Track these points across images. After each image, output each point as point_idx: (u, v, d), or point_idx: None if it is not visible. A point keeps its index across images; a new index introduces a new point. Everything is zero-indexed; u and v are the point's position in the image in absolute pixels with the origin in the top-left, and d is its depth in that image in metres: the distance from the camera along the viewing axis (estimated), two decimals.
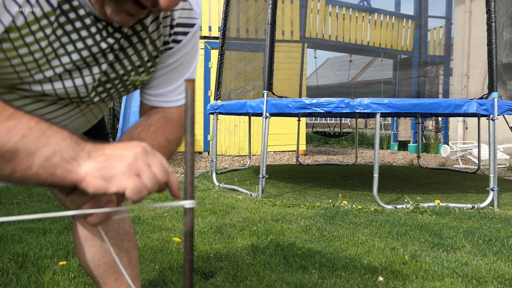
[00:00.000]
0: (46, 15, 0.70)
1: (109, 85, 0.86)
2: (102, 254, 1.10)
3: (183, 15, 0.86)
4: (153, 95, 0.91)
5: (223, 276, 1.94)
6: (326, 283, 1.88)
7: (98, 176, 0.58)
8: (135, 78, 0.87)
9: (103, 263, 1.11)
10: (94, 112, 0.97)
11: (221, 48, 5.40)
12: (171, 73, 0.90)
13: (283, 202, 3.69)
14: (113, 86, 0.86)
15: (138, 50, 0.83)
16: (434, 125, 11.48)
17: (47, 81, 0.77)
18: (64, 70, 0.77)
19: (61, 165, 0.58)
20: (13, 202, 3.43)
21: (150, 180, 0.60)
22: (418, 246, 2.48)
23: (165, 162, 0.65)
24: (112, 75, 0.84)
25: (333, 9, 8.54)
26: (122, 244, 1.14)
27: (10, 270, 1.97)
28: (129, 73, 0.85)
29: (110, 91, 0.87)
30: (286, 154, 8.12)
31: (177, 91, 0.91)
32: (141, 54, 0.84)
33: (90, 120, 0.98)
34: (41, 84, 0.77)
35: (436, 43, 9.26)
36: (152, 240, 2.49)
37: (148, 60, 0.86)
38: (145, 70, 0.87)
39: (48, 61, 0.75)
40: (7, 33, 0.68)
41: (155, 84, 0.91)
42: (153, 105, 0.92)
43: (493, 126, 3.65)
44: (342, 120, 14.15)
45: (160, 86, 0.90)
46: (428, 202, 3.68)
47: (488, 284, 1.92)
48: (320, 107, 3.79)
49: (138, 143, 0.64)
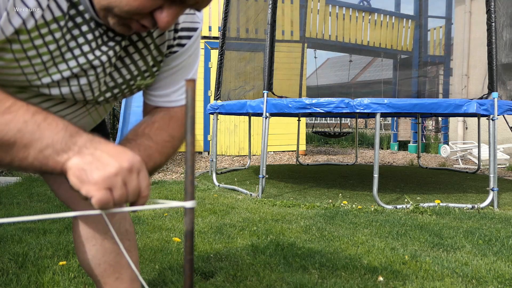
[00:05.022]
0: (56, 20, 0.72)
1: (117, 90, 0.88)
2: (102, 253, 1.11)
3: (187, 19, 0.89)
4: (157, 96, 0.94)
5: (223, 276, 1.94)
6: (326, 283, 1.88)
7: (76, 175, 0.63)
8: (140, 82, 0.89)
9: (103, 262, 1.11)
10: (99, 111, 0.99)
11: (221, 48, 5.40)
12: (175, 75, 0.93)
13: (283, 202, 3.69)
14: (120, 91, 0.89)
15: (143, 55, 0.86)
16: (434, 125, 11.49)
17: (55, 85, 0.79)
18: (71, 74, 0.79)
19: (53, 157, 0.64)
20: (13, 202, 3.43)
21: (119, 198, 0.64)
22: (418, 246, 2.48)
23: (145, 184, 0.68)
24: (120, 80, 0.87)
25: (333, 9, 8.54)
26: (122, 243, 1.14)
27: (10, 270, 1.97)
28: (136, 78, 0.88)
29: (117, 95, 0.90)
30: (286, 154, 8.12)
31: (180, 91, 0.95)
32: (147, 59, 0.86)
33: (95, 119, 1.00)
34: (49, 88, 0.79)
35: (436, 43, 9.26)
36: (152, 240, 2.49)
37: (154, 65, 0.88)
38: (150, 74, 0.89)
39: (55, 64, 0.76)
40: (17, 34, 0.70)
41: (159, 85, 0.93)
42: (157, 105, 0.95)
43: (493, 126, 3.65)
44: (342, 120, 14.15)
45: (164, 87, 0.93)
46: (428, 202, 3.68)
47: (488, 284, 1.92)
48: (320, 107, 3.79)
49: (132, 156, 0.67)
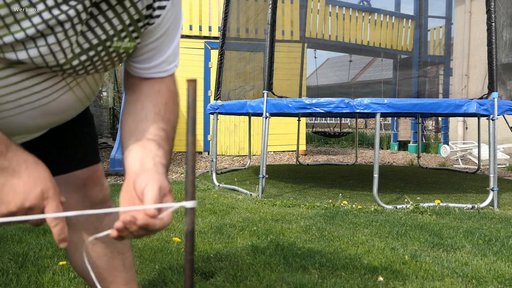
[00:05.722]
0: None
1: (92, 53, 0.82)
2: (94, 258, 1.09)
3: None
4: (145, 68, 0.91)
5: (223, 276, 1.94)
6: (326, 283, 1.88)
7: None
8: (118, 44, 0.84)
9: (96, 267, 1.09)
10: (83, 87, 0.93)
11: (221, 48, 5.40)
12: (162, 45, 0.90)
13: (283, 202, 3.69)
14: (96, 54, 0.83)
15: (118, 12, 0.81)
16: (434, 125, 11.49)
17: (20, 47, 0.73)
18: (37, 32, 0.72)
19: None
20: None
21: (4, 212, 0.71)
22: (418, 246, 2.48)
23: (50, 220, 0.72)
24: (94, 41, 0.81)
25: (333, 9, 8.55)
26: (115, 246, 1.12)
27: (10, 270, 1.97)
28: (112, 38, 0.83)
29: (93, 59, 0.84)
30: (286, 154, 8.12)
31: (168, 60, 0.92)
32: (122, 17, 0.81)
33: (80, 98, 0.94)
34: (14, 51, 0.73)
35: (436, 43, 9.26)
36: (152, 240, 2.49)
37: (130, 24, 0.83)
38: (128, 35, 0.84)
39: (17, 21, 0.70)
40: None
41: (147, 56, 0.90)
42: (145, 77, 0.92)
43: (493, 126, 3.65)
44: (342, 120, 14.15)
45: (153, 58, 0.90)
46: (428, 202, 3.68)
47: (488, 284, 1.92)
48: (320, 107, 3.79)
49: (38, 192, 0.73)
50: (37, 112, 0.85)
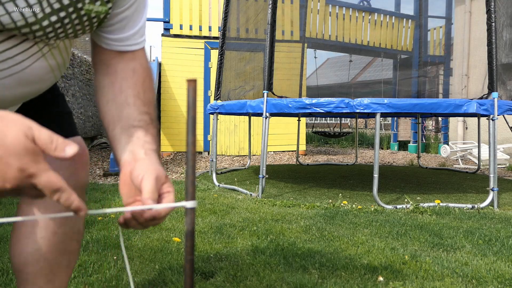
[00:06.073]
0: None
1: (63, 14, 0.80)
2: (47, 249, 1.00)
3: None
4: (118, 40, 0.90)
5: (223, 276, 1.94)
6: (326, 283, 1.88)
7: None
8: (89, 7, 0.82)
9: (44, 259, 1.00)
10: (55, 55, 0.90)
11: (221, 48, 5.40)
12: (134, 14, 0.89)
13: (283, 202, 3.69)
14: (67, 15, 0.80)
15: None
16: (434, 125, 11.49)
17: None
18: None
19: None
20: (13, 202, 3.43)
21: None
22: (418, 246, 2.48)
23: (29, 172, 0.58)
24: (65, 2, 0.78)
25: (333, 9, 8.54)
26: (70, 244, 1.05)
27: (10, 270, 1.97)
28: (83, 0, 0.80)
29: (64, 21, 0.81)
30: (286, 154, 8.12)
31: (140, 32, 0.91)
32: None
33: (52, 66, 0.91)
34: None
35: (436, 43, 9.26)
36: (152, 240, 2.49)
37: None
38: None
39: None
40: None
41: (120, 26, 0.89)
42: (119, 50, 0.90)
43: (493, 126, 3.65)
44: (342, 120, 14.15)
45: (126, 28, 0.89)
46: (428, 202, 3.68)
47: (488, 284, 1.92)
48: (320, 107, 3.79)
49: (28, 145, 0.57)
50: (11, 80, 0.83)
